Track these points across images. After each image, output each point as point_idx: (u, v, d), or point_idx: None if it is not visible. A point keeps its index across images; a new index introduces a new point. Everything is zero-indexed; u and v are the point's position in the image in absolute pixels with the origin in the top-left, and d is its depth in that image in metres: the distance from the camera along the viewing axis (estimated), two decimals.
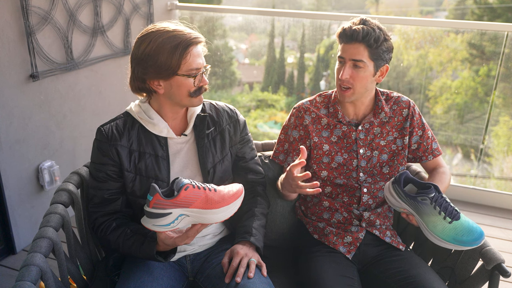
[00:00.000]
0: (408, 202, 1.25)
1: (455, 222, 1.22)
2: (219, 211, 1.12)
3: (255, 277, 1.22)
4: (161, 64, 1.18)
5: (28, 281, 1.00)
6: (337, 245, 1.43)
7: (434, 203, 1.22)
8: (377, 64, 1.38)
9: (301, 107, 1.54)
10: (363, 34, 1.33)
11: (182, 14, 3.25)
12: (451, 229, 1.21)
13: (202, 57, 1.25)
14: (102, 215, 1.29)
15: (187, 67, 1.20)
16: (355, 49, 1.35)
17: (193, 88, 1.24)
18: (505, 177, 4.38)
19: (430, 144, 1.53)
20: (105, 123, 1.31)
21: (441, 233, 1.22)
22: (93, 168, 1.29)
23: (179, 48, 1.18)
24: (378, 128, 1.49)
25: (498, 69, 2.99)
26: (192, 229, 1.15)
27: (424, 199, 1.23)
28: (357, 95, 1.42)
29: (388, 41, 1.38)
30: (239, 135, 1.43)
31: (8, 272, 2.08)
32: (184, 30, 1.23)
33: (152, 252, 1.19)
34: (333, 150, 1.49)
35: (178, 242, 1.15)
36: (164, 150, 1.30)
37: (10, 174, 2.10)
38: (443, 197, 1.24)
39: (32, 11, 2.04)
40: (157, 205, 1.09)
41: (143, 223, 1.12)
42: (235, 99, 7.23)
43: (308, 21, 3.78)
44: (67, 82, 2.34)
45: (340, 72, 1.40)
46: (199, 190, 1.11)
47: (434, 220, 1.22)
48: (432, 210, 1.22)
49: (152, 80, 1.22)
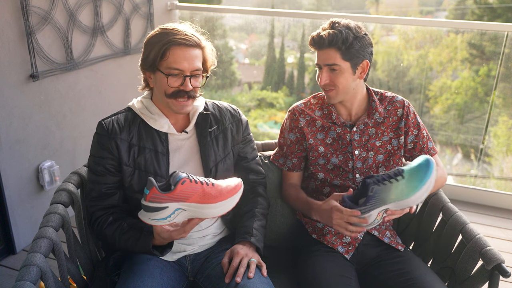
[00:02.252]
0: (371, 206, 1.22)
1: (405, 173, 1.21)
2: (216, 205, 1.12)
3: (255, 278, 1.22)
4: (147, 56, 1.24)
5: (28, 281, 1.00)
6: (336, 245, 1.42)
7: (379, 182, 1.21)
8: (354, 63, 1.38)
9: (295, 109, 1.54)
10: (329, 39, 1.34)
11: (182, 14, 3.25)
12: (408, 179, 1.21)
13: (191, 61, 1.22)
14: (99, 209, 1.29)
15: (166, 65, 1.22)
16: (327, 54, 1.37)
17: (169, 88, 1.22)
18: (505, 177, 4.38)
19: (426, 143, 1.53)
20: (106, 117, 1.32)
21: (411, 190, 1.21)
22: (92, 162, 1.30)
23: (163, 45, 1.21)
24: (373, 129, 1.49)
25: (498, 69, 2.99)
26: (189, 223, 1.14)
27: (372, 189, 1.21)
28: (341, 95, 1.42)
29: (361, 38, 1.36)
30: (242, 135, 1.43)
31: (8, 272, 2.08)
32: (183, 31, 1.23)
33: (148, 246, 1.19)
34: (329, 152, 1.49)
35: (174, 236, 1.15)
36: (164, 146, 1.30)
37: (10, 174, 2.10)
38: (378, 175, 1.23)
39: (32, 11, 2.04)
40: (153, 199, 1.08)
41: (140, 216, 1.12)
42: (235, 99, 7.23)
43: (308, 21, 3.78)
44: (67, 82, 2.34)
45: (319, 78, 1.42)
46: (196, 185, 1.11)
47: (395, 191, 1.21)
48: (385, 188, 1.21)
49: (145, 71, 1.29)
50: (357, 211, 1.22)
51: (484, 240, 1.29)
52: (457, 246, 1.40)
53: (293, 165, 1.56)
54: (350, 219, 1.23)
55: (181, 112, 1.27)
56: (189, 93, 1.24)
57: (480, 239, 1.30)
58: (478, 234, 1.32)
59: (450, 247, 1.42)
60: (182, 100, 1.24)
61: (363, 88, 1.48)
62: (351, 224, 1.25)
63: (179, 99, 1.24)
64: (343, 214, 1.24)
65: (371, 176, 1.23)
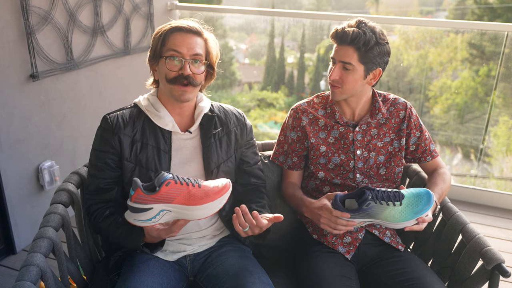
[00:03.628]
0: (359, 215, 1.24)
1: (404, 201, 1.23)
2: (201, 207, 1.11)
3: (255, 277, 1.22)
4: (152, 48, 1.28)
5: (28, 281, 1.00)
6: (336, 246, 1.43)
7: (377, 200, 1.22)
8: (368, 68, 1.38)
9: (298, 108, 1.54)
10: (352, 36, 1.33)
11: (182, 14, 3.25)
12: (404, 208, 1.23)
13: (190, 46, 1.24)
14: (96, 202, 1.30)
15: (166, 48, 1.24)
16: (345, 51, 1.36)
17: (169, 72, 1.24)
18: (505, 177, 4.38)
19: (428, 145, 1.53)
20: (111, 112, 1.32)
21: (402, 218, 1.23)
22: (93, 155, 1.31)
23: (164, 32, 1.25)
24: (375, 130, 1.49)
25: (498, 69, 2.99)
26: (175, 224, 1.14)
27: (368, 204, 1.22)
28: (346, 95, 1.43)
29: (382, 45, 1.36)
30: (245, 139, 1.43)
31: (8, 272, 2.08)
32: (185, 23, 1.27)
33: (138, 243, 1.19)
34: (330, 151, 1.49)
35: (163, 235, 1.16)
36: (167, 144, 1.30)
37: (10, 174, 2.10)
38: (379, 190, 1.24)
39: (32, 11, 2.04)
40: (138, 200, 1.08)
41: (126, 217, 1.13)
42: (235, 99, 7.23)
43: (308, 21, 3.78)
44: (67, 82, 2.34)
45: (330, 72, 1.42)
46: (181, 186, 1.10)
47: (387, 213, 1.22)
48: (380, 207, 1.22)
49: (152, 64, 1.31)
50: (347, 213, 1.24)
51: (484, 240, 1.29)
52: (457, 246, 1.40)
53: (293, 164, 1.56)
54: (337, 221, 1.25)
55: (181, 100, 1.27)
56: (188, 79, 1.24)
57: (480, 239, 1.29)
58: (478, 234, 1.32)
59: (450, 247, 1.42)
60: (182, 86, 1.25)
61: (369, 92, 1.49)
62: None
63: (179, 85, 1.25)
64: (332, 215, 1.26)
65: (372, 189, 1.24)
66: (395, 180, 1.54)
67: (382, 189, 1.25)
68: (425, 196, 1.25)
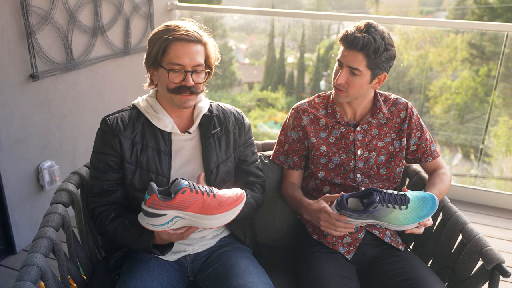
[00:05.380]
0: (364, 216, 1.25)
1: (409, 204, 1.23)
2: (215, 217, 1.12)
3: (255, 277, 1.22)
4: (150, 53, 1.25)
5: (28, 281, 1.00)
6: (336, 246, 1.43)
7: (384, 203, 1.22)
8: (375, 73, 1.38)
9: (299, 108, 1.54)
10: (363, 43, 1.31)
11: (182, 14, 3.25)
12: (409, 212, 1.23)
13: (192, 57, 1.22)
14: (101, 205, 1.29)
15: (168, 60, 1.22)
16: (353, 57, 1.35)
17: (171, 84, 1.23)
18: (505, 177, 4.38)
19: (429, 146, 1.53)
20: (110, 114, 1.32)
21: (405, 221, 1.24)
22: (95, 158, 1.30)
23: (164, 40, 1.22)
24: (376, 130, 1.49)
25: (498, 69, 2.99)
26: (187, 230, 1.16)
27: (375, 206, 1.22)
28: (350, 98, 1.43)
29: (390, 50, 1.36)
30: (243, 138, 1.43)
31: (8, 272, 2.08)
32: (184, 27, 1.24)
33: (149, 245, 1.19)
34: (331, 151, 1.49)
35: (173, 239, 1.16)
36: (167, 145, 1.30)
37: (10, 174, 2.10)
38: (386, 192, 1.24)
39: (32, 11, 2.04)
40: (153, 205, 1.09)
41: (139, 219, 1.13)
42: (235, 99, 7.23)
43: (308, 21, 3.78)
44: (67, 82, 2.34)
45: (337, 74, 1.41)
46: (196, 195, 1.11)
47: (393, 216, 1.23)
48: (386, 210, 1.22)
49: (149, 68, 1.29)
50: (344, 216, 1.24)
51: (484, 240, 1.29)
52: (457, 246, 1.40)
53: (293, 163, 1.56)
54: (336, 223, 1.25)
55: (184, 107, 1.27)
56: (191, 89, 1.24)
57: (480, 239, 1.30)
58: (478, 234, 1.32)
59: (450, 247, 1.42)
60: (184, 94, 1.24)
61: (371, 93, 1.49)
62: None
63: (182, 94, 1.24)
64: (330, 218, 1.26)
65: (379, 190, 1.24)
66: (395, 180, 1.54)
67: (388, 191, 1.25)
68: (430, 201, 1.26)
